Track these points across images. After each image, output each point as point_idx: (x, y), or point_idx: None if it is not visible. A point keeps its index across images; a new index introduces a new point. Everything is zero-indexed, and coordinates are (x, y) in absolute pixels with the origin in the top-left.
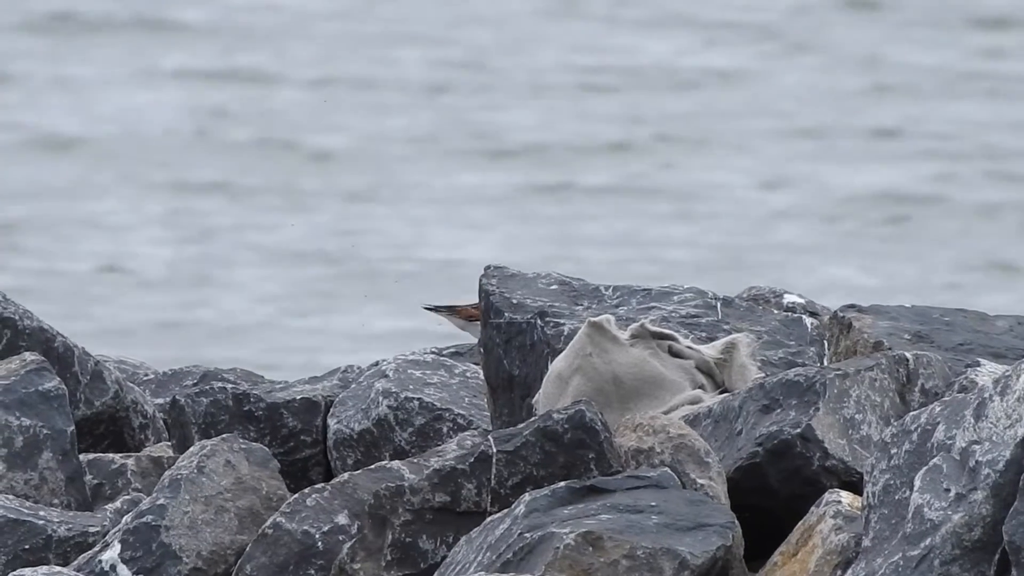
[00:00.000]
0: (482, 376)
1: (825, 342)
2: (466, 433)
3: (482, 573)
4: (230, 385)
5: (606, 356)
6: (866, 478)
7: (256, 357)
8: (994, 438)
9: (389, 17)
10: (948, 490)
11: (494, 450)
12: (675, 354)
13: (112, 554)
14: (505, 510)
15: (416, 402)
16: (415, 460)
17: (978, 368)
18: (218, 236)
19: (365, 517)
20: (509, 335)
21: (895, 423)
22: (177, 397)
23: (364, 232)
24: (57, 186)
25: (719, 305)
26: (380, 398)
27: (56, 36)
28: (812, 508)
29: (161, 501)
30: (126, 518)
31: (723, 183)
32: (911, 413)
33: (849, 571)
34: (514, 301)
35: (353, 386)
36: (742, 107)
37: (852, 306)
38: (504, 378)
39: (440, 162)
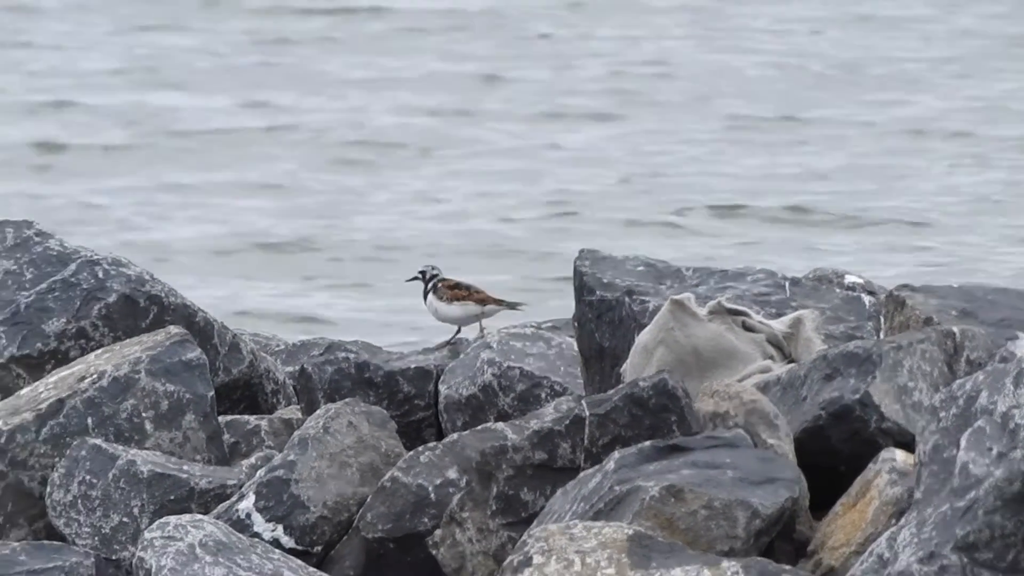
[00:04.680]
0: (576, 348)
1: (881, 318)
2: (562, 398)
3: (576, 521)
4: (352, 355)
5: (687, 330)
6: (918, 439)
7: None
8: None
9: None
10: (991, 449)
11: (587, 413)
12: (748, 328)
13: (247, 504)
14: (597, 466)
15: (517, 371)
16: (517, 422)
17: (1017, 340)
18: None
19: (473, 472)
20: (600, 311)
21: (943, 390)
22: (305, 365)
23: None
24: None
25: (787, 285)
26: (485, 367)
27: None
28: (870, 465)
29: (291, 457)
30: (260, 472)
31: None
32: (957, 381)
33: (902, 520)
34: (604, 281)
35: (461, 356)
36: None
37: (906, 286)
38: (596, 350)
39: None
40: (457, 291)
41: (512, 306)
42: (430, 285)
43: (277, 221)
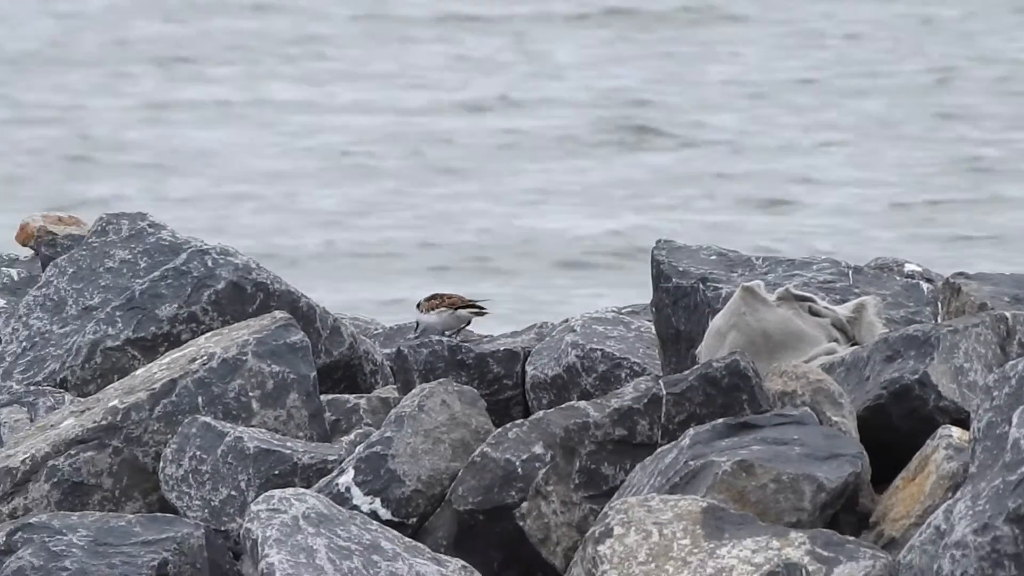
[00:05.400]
0: (654, 331)
1: (938, 303)
2: (641, 378)
3: (654, 494)
4: (445, 338)
5: (757, 315)
6: (972, 416)
7: None
8: None
9: None
10: None
11: (664, 392)
12: (814, 313)
13: (347, 478)
14: (673, 442)
15: (599, 352)
16: (598, 400)
17: None
18: None
19: (557, 447)
20: (676, 297)
21: (996, 370)
22: (401, 348)
23: None
24: None
25: (851, 273)
26: (569, 349)
27: None
28: (928, 441)
29: (388, 434)
30: (359, 448)
31: None
32: (1010, 362)
33: (958, 493)
34: (680, 269)
35: (547, 339)
36: None
37: (961, 273)
38: (672, 333)
39: None
40: (432, 301)
41: (480, 310)
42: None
43: None
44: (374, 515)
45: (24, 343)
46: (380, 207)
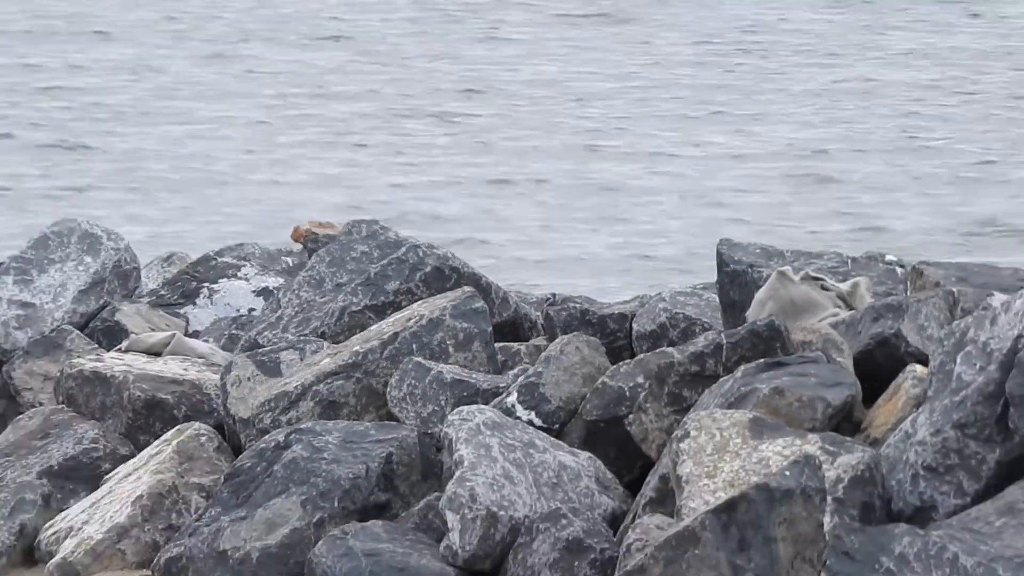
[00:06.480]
0: (718, 301)
1: (908, 282)
2: (709, 332)
3: (716, 410)
4: (578, 304)
5: (787, 290)
6: (931, 359)
7: None
8: (1001, 335)
9: None
10: (975, 364)
11: (724, 342)
12: (825, 289)
13: (512, 399)
14: (730, 375)
15: (681, 315)
16: (681, 347)
17: (992, 297)
18: None
19: (653, 378)
20: (733, 277)
21: (946, 328)
22: (549, 311)
23: None
24: None
25: (849, 262)
26: (661, 312)
27: None
28: (900, 374)
29: (540, 369)
30: (520, 379)
31: None
32: (955, 322)
33: (920, 409)
34: (735, 258)
35: (646, 305)
36: None
37: (923, 262)
38: (730, 302)
39: None
40: None
41: None
42: None
43: None
44: (530, 423)
45: (296, 308)
46: None
